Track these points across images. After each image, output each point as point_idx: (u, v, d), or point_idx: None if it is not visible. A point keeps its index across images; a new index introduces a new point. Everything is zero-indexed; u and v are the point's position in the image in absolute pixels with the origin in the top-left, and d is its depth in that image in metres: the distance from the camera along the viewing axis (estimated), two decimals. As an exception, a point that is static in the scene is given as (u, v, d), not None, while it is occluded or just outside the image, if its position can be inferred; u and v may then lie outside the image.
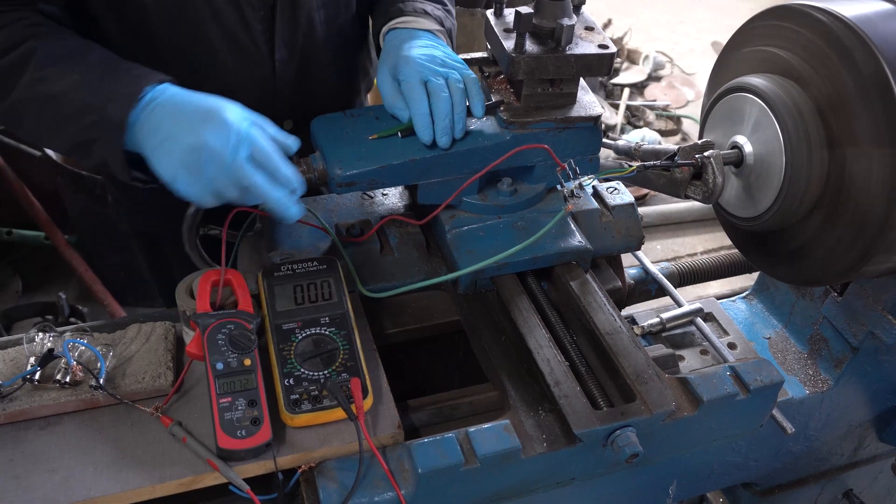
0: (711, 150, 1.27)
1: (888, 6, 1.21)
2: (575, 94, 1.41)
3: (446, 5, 1.60)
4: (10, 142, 3.35)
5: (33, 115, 1.21)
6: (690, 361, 1.54)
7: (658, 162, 1.30)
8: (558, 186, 1.49)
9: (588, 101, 1.41)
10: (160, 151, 1.13)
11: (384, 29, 1.51)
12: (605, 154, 1.69)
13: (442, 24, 1.51)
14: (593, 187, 1.59)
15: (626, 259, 1.62)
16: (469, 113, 1.36)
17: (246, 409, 1.11)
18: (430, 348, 1.50)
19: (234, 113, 1.13)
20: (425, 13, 1.50)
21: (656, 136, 4.79)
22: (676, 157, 1.30)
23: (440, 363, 1.57)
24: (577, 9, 1.38)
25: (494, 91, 1.42)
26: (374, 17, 1.57)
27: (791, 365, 1.57)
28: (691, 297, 1.69)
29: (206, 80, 1.26)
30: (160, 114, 1.14)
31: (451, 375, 1.61)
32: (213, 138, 1.09)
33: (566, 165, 1.27)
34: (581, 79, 1.40)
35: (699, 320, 1.59)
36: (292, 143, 1.21)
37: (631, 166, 1.31)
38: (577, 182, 1.29)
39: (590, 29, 1.38)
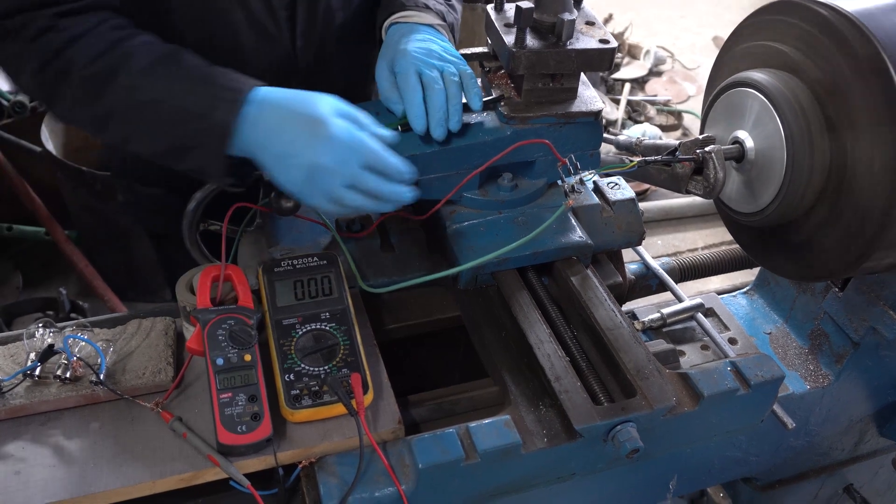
0: (713, 146, 1.27)
1: (891, 0, 1.21)
2: (576, 89, 1.40)
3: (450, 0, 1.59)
4: (10, 137, 3.35)
5: (127, 121, 1.20)
6: (691, 357, 1.53)
7: (659, 157, 1.30)
8: (559, 182, 1.49)
9: (589, 96, 1.41)
10: (279, 167, 1.16)
11: (385, 23, 1.50)
12: (606, 149, 1.69)
13: (444, 19, 1.51)
14: (594, 182, 1.59)
15: (627, 254, 1.62)
16: (467, 108, 1.36)
17: (246, 405, 1.11)
18: (431, 344, 1.50)
19: (338, 124, 1.15)
20: (426, 7, 1.50)
21: (657, 131, 4.78)
22: (677, 153, 1.30)
23: (441, 358, 1.58)
24: (577, 3, 1.37)
25: (495, 86, 1.42)
26: (378, 12, 1.57)
27: (792, 360, 1.57)
28: (692, 292, 1.69)
29: (227, 63, 1.28)
30: (266, 125, 1.15)
31: (452, 371, 1.61)
32: (326, 157, 1.13)
33: (567, 161, 1.27)
34: (582, 74, 1.40)
35: (700, 315, 1.59)
36: (388, 135, 1.22)
37: (632, 161, 1.31)
38: (577, 177, 1.29)
39: (591, 24, 1.38)
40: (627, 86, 5.17)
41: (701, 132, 1.44)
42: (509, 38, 1.32)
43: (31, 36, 1.18)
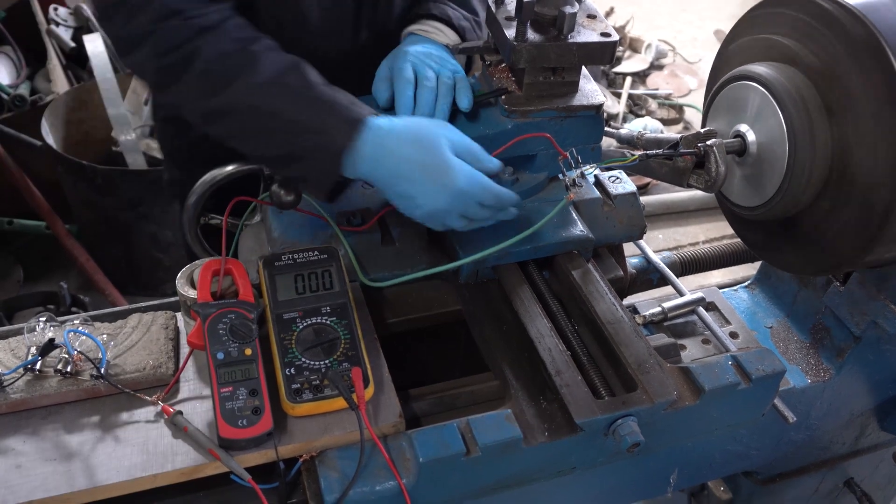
0: (714, 139, 1.27)
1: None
2: (577, 83, 1.40)
3: (477, 14, 1.60)
4: (10, 131, 3.35)
5: (242, 122, 1.23)
6: (692, 351, 1.53)
7: (660, 151, 1.30)
8: (560, 176, 1.48)
9: (590, 90, 1.41)
10: (404, 203, 1.24)
11: (405, 31, 1.53)
12: (607, 143, 1.68)
13: (462, 38, 1.53)
14: (595, 176, 1.58)
15: (628, 248, 1.62)
16: (456, 108, 1.38)
17: (247, 399, 1.11)
18: (432, 338, 1.50)
19: (459, 170, 1.20)
20: (448, 22, 1.52)
21: (658, 125, 4.77)
22: (679, 146, 1.30)
23: (441, 353, 1.57)
24: (578, -3, 1.37)
25: (496, 80, 1.41)
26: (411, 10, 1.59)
27: (793, 354, 1.57)
28: (693, 286, 1.69)
29: (295, 46, 1.31)
30: (386, 159, 1.20)
31: (453, 365, 1.61)
32: (446, 203, 1.21)
33: (568, 154, 1.26)
34: (583, 67, 1.39)
35: (701, 309, 1.58)
36: (495, 166, 1.28)
37: (633, 155, 1.30)
38: (578, 171, 1.28)
39: (592, 17, 1.38)
40: (629, 79, 5.16)
41: (702, 126, 1.44)
42: (510, 32, 1.31)
43: (157, 16, 1.20)
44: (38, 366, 1.15)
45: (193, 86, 1.23)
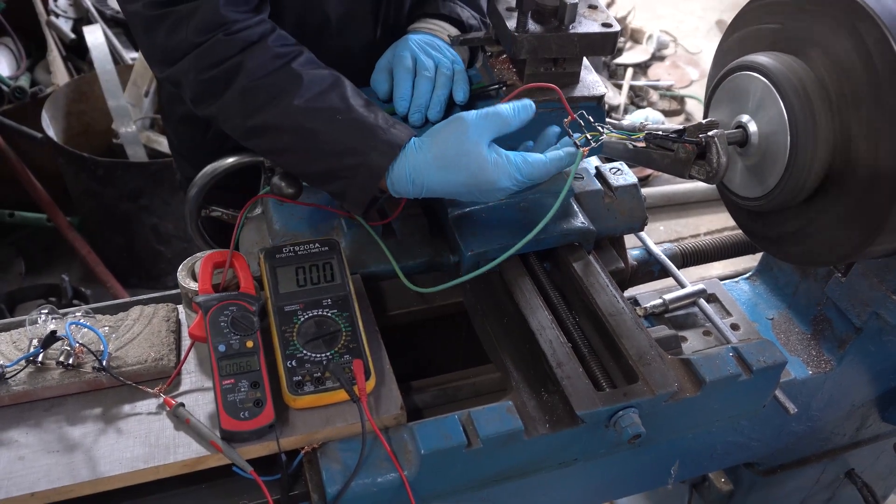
0: (716, 130, 1.26)
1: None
2: (578, 74, 1.39)
3: (485, 15, 1.60)
4: (11, 123, 3.35)
5: (284, 140, 1.24)
6: (693, 342, 1.53)
7: (662, 132, 1.29)
8: (569, 134, 1.47)
9: (591, 81, 1.40)
10: (435, 193, 1.24)
11: (411, 27, 1.54)
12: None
13: None
14: (596, 168, 1.58)
15: (629, 240, 1.61)
16: (452, 101, 1.38)
17: (249, 391, 1.11)
18: (433, 330, 1.50)
19: (497, 172, 1.20)
20: (459, 21, 1.52)
21: (660, 116, 4.76)
22: (681, 137, 1.29)
23: (443, 344, 1.58)
24: (580, -13, 1.36)
25: (497, 71, 1.41)
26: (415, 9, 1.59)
27: (794, 346, 1.57)
28: (694, 278, 1.69)
29: (315, 38, 1.33)
30: (419, 169, 1.21)
31: (454, 357, 1.61)
32: (490, 198, 1.25)
33: (576, 116, 1.25)
34: (584, 58, 1.39)
35: (702, 301, 1.58)
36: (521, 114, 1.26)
37: (635, 145, 1.30)
38: (590, 133, 1.26)
39: (593, 7, 1.37)
40: (630, 70, 5.14)
41: (704, 116, 1.43)
42: (511, 22, 1.31)
43: (200, 28, 1.20)
44: (40, 358, 1.15)
45: (235, 103, 1.23)
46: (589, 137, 1.23)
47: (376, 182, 1.23)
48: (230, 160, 1.40)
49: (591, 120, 1.24)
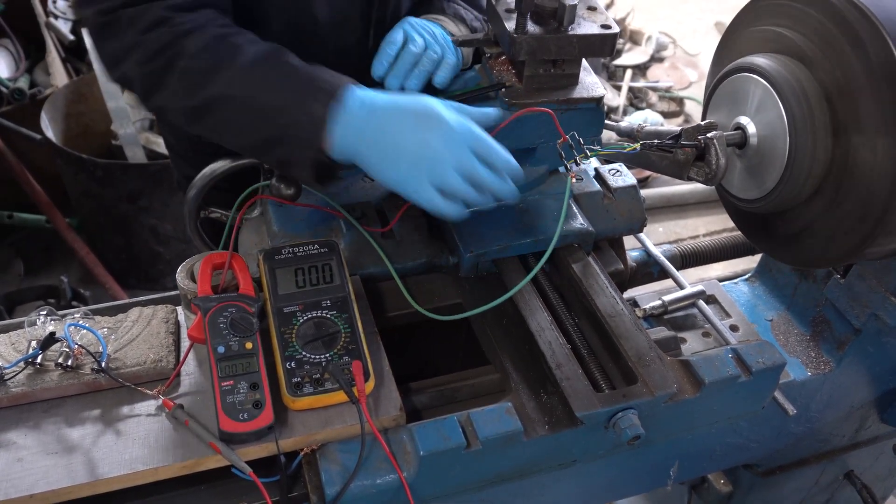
0: (715, 132, 1.26)
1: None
2: (577, 75, 1.39)
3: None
4: (10, 125, 3.35)
5: (225, 113, 1.23)
6: (692, 343, 1.53)
7: (660, 141, 1.29)
8: (561, 169, 1.48)
9: (590, 83, 1.40)
10: (384, 160, 1.17)
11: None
12: (608, 136, 1.68)
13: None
14: (595, 169, 1.58)
15: (629, 241, 1.61)
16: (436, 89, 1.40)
17: (248, 393, 1.11)
18: (432, 331, 1.50)
19: (448, 112, 1.17)
20: (462, 20, 1.53)
21: (659, 117, 4.77)
22: (680, 139, 1.29)
23: (442, 346, 1.57)
24: (579, -12, 1.36)
25: (496, 72, 1.41)
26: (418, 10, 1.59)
27: (793, 347, 1.57)
28: (693, 279, 1.69)
29: (306, 42, 1.33)
30: (372, 120, 1.16)
31: (453, 358, 1.61)
32: (437, 141, 1.15)
33: (569, 138, 1.25)
34: (583, 60, 1.39)
35: (701, 302, 1.59)
36: (493, 112, 1.25)
37: (633, 147, 1.30)
38: (579, 155, 1.27)
39: (592, 9, 1.37)
40: (629, 72, 5.15)
41: (703, 118, 1.43)
42: (510, 24, 1.31)
43: (144, 28, 1.22)
44: (38, 359, 1.15)
45: (176, 86, 1.23)
46: (579, 162, 1.23)
47: (318, 137, 1.17)
48: (229, 162, 1.40)
49: (581, 142, 1.24)
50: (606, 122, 1.46)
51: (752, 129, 1.30)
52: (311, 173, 1.23)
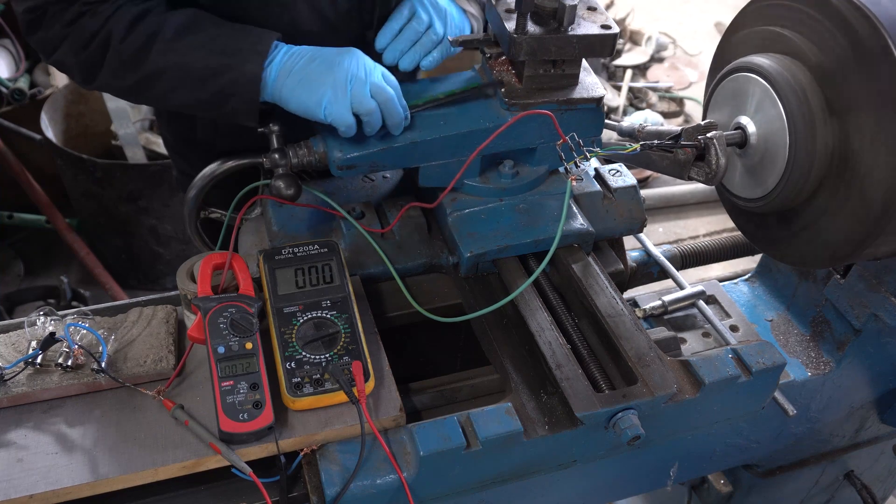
0: (715, 132, 1.26)
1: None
2: (577, 76, 1.39)
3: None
4: (10, 125, 3.34)
5: (167, 81, 1.33)
6: (692, 344, 1.53)
7: (660, 141, 1.29)
8: (560, 169, 1.48)
9: (590, 83, 1.40)
10: (302, 87, 1.29)
11: None
12: (608, 136, 1.68)
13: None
14: (595, 169, 1.58)
15: (628, 241, 1.61)
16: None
17: (248, 393, 1.11)
18: (432, 331, 1.50)
19: (351, 48, 1.32)
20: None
21: (659, 117, 4.76)
22: (680, 139, 1.29)
23: (442, 346, 1.57)
24: (579, -12, 1.36)
25: (496, 72, 1.41)
26: None
27: (793, 347, 1.57)
28: (693, 279, 1.69)
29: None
30: (288, 63, 1.30)
31: (453, 358, 1.61)
32: (353, 64, 1.29)
33: (568, 139, 1.25)
34: (583, 60, 1.39)
35: (701, 303, 1.59)
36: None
37: (632, 148, 1.30)
38: (579, 157, 1.27)
39: (592, 9, 1.37)
40: (629, 72, 5.14)
41: (703, 118, 1.43)
42: (510, 24, 1.31)
43: (69, 20, 1.31)
44: (39, 360, 1.15)
45: (115, 67, 1.33)
46: (578, 163, 1.23)
47: (255, 90, 1.30)
48: (229, 162, 1.40)
49: (581, 143, 1.24)
50: (606, 122, 1.46)
51: (752, 128, 1.30)
52: (255, 119, 1.34)
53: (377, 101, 1.28)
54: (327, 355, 1.17)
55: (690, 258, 1.78)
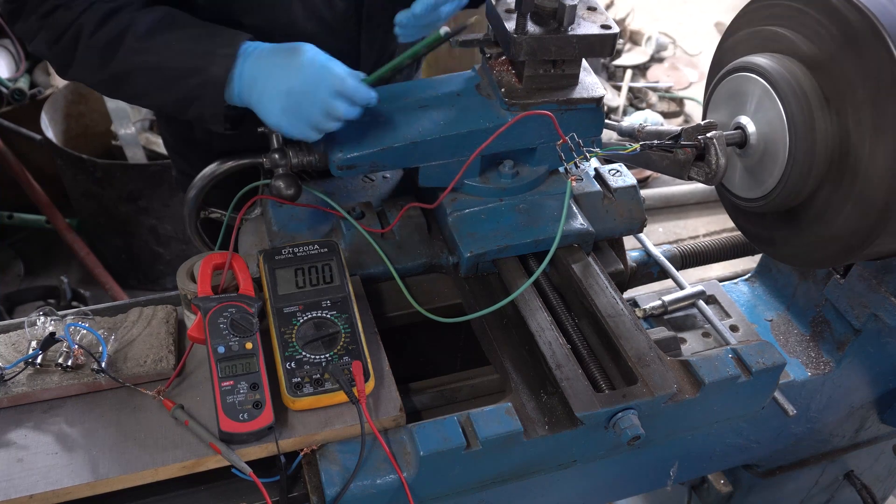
0: (714, 132, 1.26)
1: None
2: (577, 76, 1.39)
3: None
4: (10, 125, 3.34)
5: (136, 82, 1.33)
6: (692, 344, 1.53)
7: (660, 141, 1.29)
8: (561, 169, 1.48)
9: (590, 83, 1.40)
10: (263, 101, 1.27)
11: None
12: (608, 136, 1.68)
13: None
14: (595, 170, 1.58)
15: (628, 241, 1.61)
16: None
17: (248, 393, 1.11)
18: (432, 331, 1.50)
19: (309, 54, 1.26)
20: None
21: (659, 117, 4.76)
22: (680, 139, 1.29)
23: (442, 346, 1.57)
24: (579, -11, 1.36)
25: (496, 73, 1.41)
26: None
27: (793, 347, 1.57)
28: (693, 279, 1.69)
29: None
30: (251, 70, 1.28)
31: (453, 358, 1.61)
32: (297, 81, 1.24)
33: (568, 139, 1.25)
34: (583, 60, 1.39)
35: (701, 303, 1.59)
36: (360, 75, 1.29)
37: (632, 148, 1.30)
38: (580, 157, 1.27)
39: (592, 9, 1.37)
40: (629, 72, 5.14)
41: (703, 118, 1.43)
42: (510, 24, 1.31)
43: (44, 12, 1.31)
44: (39, 360, 1.15)
45: (85, 62, 1.33)
46: (578, 164, 1.23)
47: (220, 95, 1.29)
48: (229, 162, 1.40)
49: (581, 144, 1.24)
50: (606, 122, 1.46)
51: (751, 128, 1.30)
52: (224, 124, 1.33)
53: (334, 117, 1.26)
54: (327, 355, 1.17)
55: (690, 258, 1.79)
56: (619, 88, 5.02)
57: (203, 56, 1.28)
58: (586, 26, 1.33)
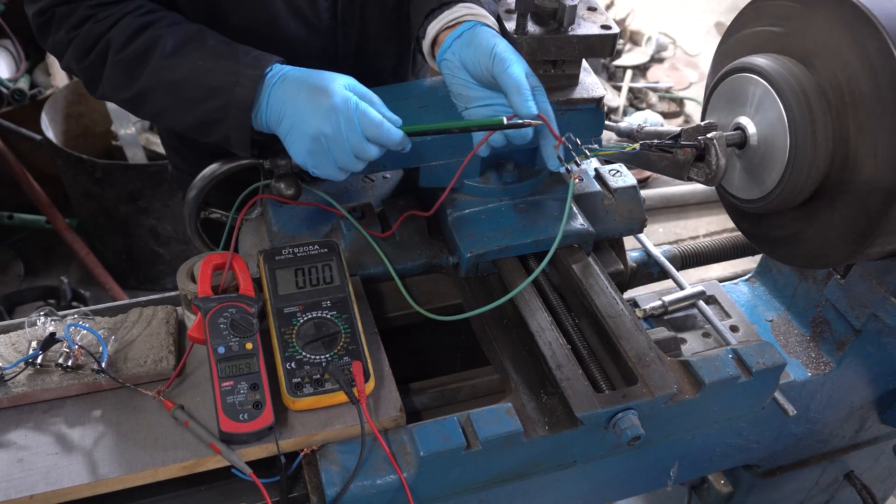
0: (714, 132, 1.26)
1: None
2: (577, 76, 1.40)
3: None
4: (10, 125, 3.35)
5: (159, 100, 1.29)
6: (692, 344, 1.53)
7: (659, 141, 1.29)
8: (562, 169, 1.48)
9: (590, 83, 1.40)
10: (289, 138, 1.23)
11: (439, 23, 1.34)
12: (607, 136, 1.68)
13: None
14: (595, 170, 1.58)
15: (629, 242, 1.61)
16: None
17: (248, 393, 1.11)
18: (432, 331, 1.50)
19: (341, 95, 1.19)
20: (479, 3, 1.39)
21: (659, 118, 4.77)
22: (679, 139, 1.29)
23: (442, 346, 1.58)
24: (579, -11, 1.36)
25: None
26: (413, 5, 1.45)
27: (793, 347, 1.57)
28: (693, 279, 1.69)
29: (272, 51, 1.32)
30: (281, 98, 1.22)
31: (453, 358, 1.61)
32: (327, 126, 1.18)
33: (564, 140, 1.25)
34: (583, 60, 1.39)
35: (701, 303, 1.59)
36: (395, 118, 1.25)
37: (632, 147, 1.30)
38: (579, 157, 1.27)
39: (592, 9, 1.37)
40: (629, 72, 5.15)
41: (703, 118, 1.43)
42: (510, 24, 1.31)
43: (72, 26, 1.29)
44: (39, 360, 1.15)
45: (112, 79, 1.30)
46: (578, 163, 1.23)
47: (246, 119, 1.24)
48: (229, 162, 1.40)
49: (579, 143, 1.24)
50: (606, 122, 1.46)
51: (751, 129, 1.30)
52: (249, 149, 1.29)
53: (364, 159, 1.22)
54: (327, 355, 1.17)
55: (690, 258, 1.79)
56: (619, 89, 5.02)
57: (227, 76, 1.24)
58: (586, 26, 1.33)
